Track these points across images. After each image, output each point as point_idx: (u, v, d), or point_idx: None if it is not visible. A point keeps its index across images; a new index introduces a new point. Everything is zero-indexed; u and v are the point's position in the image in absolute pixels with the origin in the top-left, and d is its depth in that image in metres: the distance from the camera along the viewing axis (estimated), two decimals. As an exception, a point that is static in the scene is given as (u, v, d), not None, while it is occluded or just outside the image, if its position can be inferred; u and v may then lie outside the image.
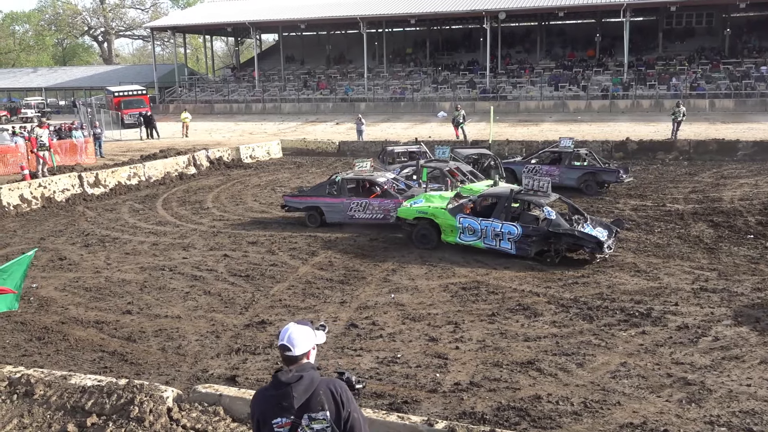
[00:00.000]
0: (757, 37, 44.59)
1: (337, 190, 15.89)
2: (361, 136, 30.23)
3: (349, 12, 47.18)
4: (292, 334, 3.80)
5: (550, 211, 12.49)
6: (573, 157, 19.12)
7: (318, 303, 10.77)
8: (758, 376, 7.79)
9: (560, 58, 48.18)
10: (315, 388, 3.71)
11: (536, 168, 19.23)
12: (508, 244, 12.68)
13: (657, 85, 41.02)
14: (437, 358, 8.52)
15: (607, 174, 18.57)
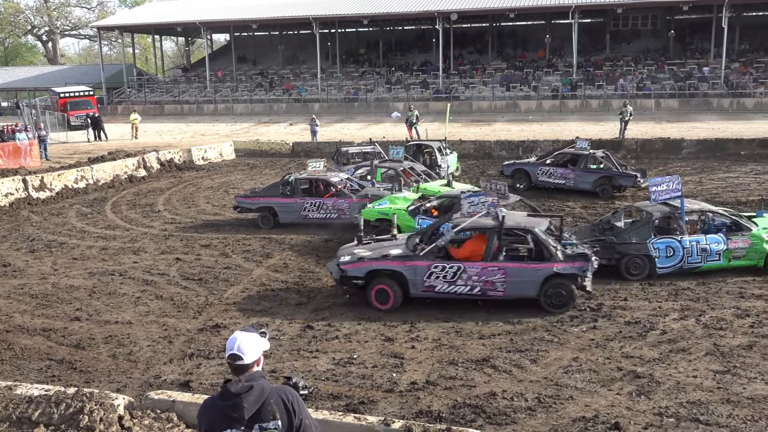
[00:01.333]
0: (700, 38, 46.01)
1: (290, 190, 15.83)
2: (315, 136, 30.09)
3: (301, 12, 46.92)
4: (240, 342, 3.70)
5: (502, 212, 12.42)
6: (589, 160, 18.40)
7: (273, 305, 10.68)
8: (704, 368, 8.04)
9: (511, 59, 48.86)
10: (266, 397, 3.64)
11: (550, 170, 18.77)
12: None
13: (605, 86, 41.96)
14: (393, 358, 8.55)
15: (624, 178, 17.89)
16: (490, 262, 10.02)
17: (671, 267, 11.39)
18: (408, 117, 30.49)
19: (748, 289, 10.76)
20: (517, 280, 9.95)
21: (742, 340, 8.80)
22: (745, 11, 44.91)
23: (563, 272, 9.87)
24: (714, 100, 38.83)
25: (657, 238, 11.39)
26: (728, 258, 11.41)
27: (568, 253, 10.13)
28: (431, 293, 10.26)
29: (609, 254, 11.37)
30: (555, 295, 9.95)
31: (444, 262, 10.21)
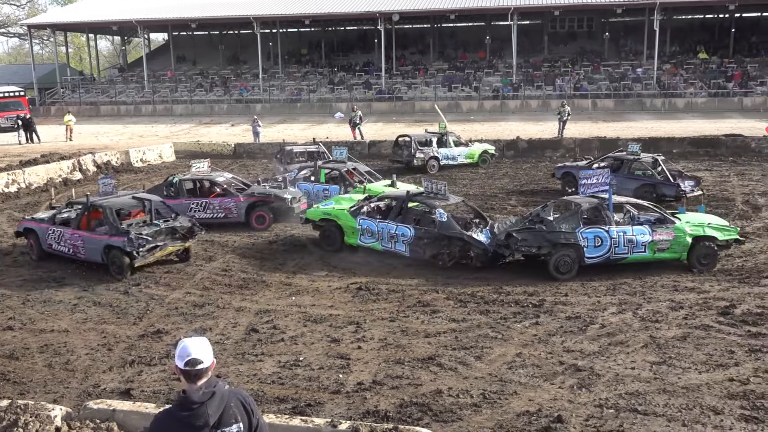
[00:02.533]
0: (633, 40, 47.51)
1: (174, 191, 15.91)
2: (257, 137, 29.75)
3: (241, 12, 46.33)
4: (194, 347, 3.64)
5: (442, 214, 12.48)
6: (633, 166, 17.21)
7: (216, 309, 10.51)
8: (641, 359, 8.30)
9: (453, 60, 49.41)
10: (226, 401, 3.62)
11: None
12: (403, 246, 12.69)
13: (544, 86, 42.89)
14: (340, 359, 8.53)
15: (666, 187, 16.44)
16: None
17: (599, 257, 11.55)
18: (351, 117, 30.48)
19: (682, 282, 11.16)
20: None
21: (677, 331, 9.12)
22: (675, 14, 46.61)
23: None
24: (647, 100, 40.15)
25: (586, 228, 11.60)
26: (653, 250, 11.66)
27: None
28: None
29: (539, 242, 11.52)
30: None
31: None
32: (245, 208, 15.39)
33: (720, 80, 40.88)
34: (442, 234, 12.27)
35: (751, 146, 24.03)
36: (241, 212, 15.39)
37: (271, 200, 15.39)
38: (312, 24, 49.40)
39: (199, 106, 45.95)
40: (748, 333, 8.99)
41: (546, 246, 11.52)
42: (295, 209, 15.34)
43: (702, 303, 10.15)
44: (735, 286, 10.88)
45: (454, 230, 12.25)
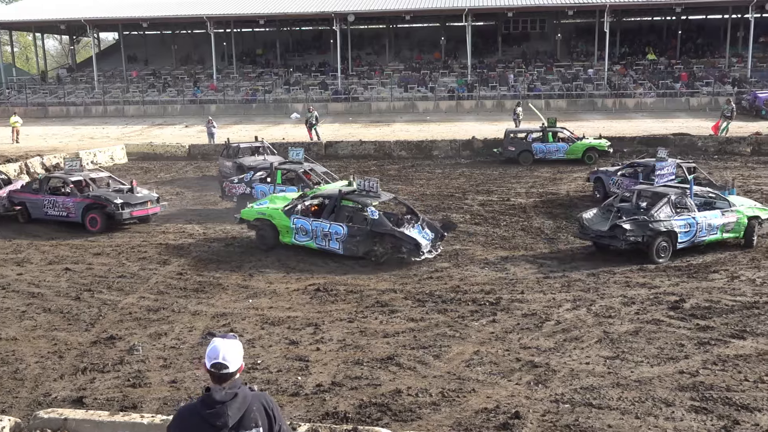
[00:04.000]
0: (584, 42, 48.46)
1: (39, 187, 16.43)
2: (212, 138, 29.35)
3: (194, 11, 45.66)
4: (224, 351, 3.63)
5: (373, 211, 12.71)
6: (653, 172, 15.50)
7: (172, 314, 10.33)
8: (595, 354, 8.47)
9: (408, 60, 49.62)
10: (248, 404, 3.60)
11: (619, 181, 17.11)
12: (336, 244, 12.87)
13: (498, 86, 43.41)
14: (298, 361, 8.48)
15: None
16: None
17: (687, 241, 12.47)
18: (307, 118, 30.33)
19: (634, 278, 11.43)
20: None
21: (629, 326, 9.33)
22: (624, 17, 47.73)
23: None
24: (599, 100, 40.99)
25: (678, 216, 12.43)
26: (723, 231, 12.74)
27: None
28: None
29: (643, 231, 12.15)
30: None
31: None
32: (82, 210, 15.65)
33: (668, 81, 42.00)
34: (373, 231, 12.53)
35: (697, 145, 24.76)
36: (78, 213, 15.70)
37: (103, 203, 15.58)
38: (267, 24, 48.99)
39: (152, 107, 45.12)
40: (696, 326, 9.26)
41: (650, 234, 12.13)
42: (123, 215, 15.47)
43: (653, 298, 10.41)
44: (684, 281, 11.19)
45: (386, 227, 12.52)
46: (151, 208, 16.14)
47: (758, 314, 9.61)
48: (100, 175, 17.14)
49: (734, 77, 41.16)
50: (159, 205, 16.34)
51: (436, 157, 25.18)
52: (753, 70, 41.54)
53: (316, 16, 46.89)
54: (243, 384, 3.69)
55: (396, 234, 12.41)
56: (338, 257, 13.05)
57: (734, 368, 7.97)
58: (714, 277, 11.39)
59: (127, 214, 15.59)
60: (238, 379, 3.70)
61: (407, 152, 25.88)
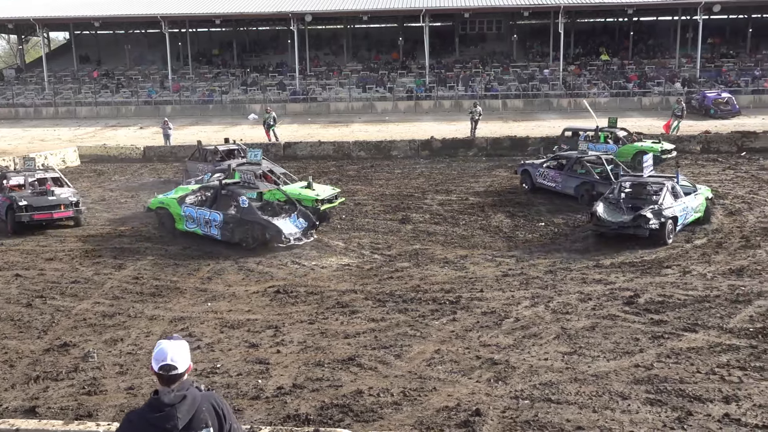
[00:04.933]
0: (540, 43, 49.14)
1: None
2: (168, 140, 28.86)
3: (148, 10, 44.80)
4: (172, 352, 3.61)
5: (244, 200, 13.78)
6: (575, 164, 17.39)
7: (128, 319, 10.14)
8: (553, 350, 8.60)
9: (367, 61, 49.60)
10: (198, 405, 3.57)
11: (545, 172, 17.98)
12: (216, 230, 14.04)
13: (456, 87, 43.72)
14: (258, 364, 8.41)
15: (603, 186, 16.15)
16: None
17: (682, 224, 13.77)
18: (265, 119, 30.08)
19: (590, 274, 11.63)
20: None
21: (586, 322, 9.50)
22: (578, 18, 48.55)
23: None
24: (554, 100, 41.61)
25: (677, 202, 13.70)
26: (695, 212, 14.21)
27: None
28: None
29: (659, 218, 13.17)
30: None
31: None
32: (5, 210, 15.62)
33: (620, 81, 42.86)
34: (244, 218, 13.67)
35: (650, 143, 25.29)
36: (3, 212, 15.72)
37: (9, 202, 15.61)
38: (223, 24, 48.40)
39: (105, 108, 44.15)
40: (651, 320, 9.48)
41: (664, 220, 13.19)
42: (23, 217, 15.39)
43: (609, 294, 10.62)
44: (638, 277, 11.44)
45: (254, 215, 13.68)
46: (59, 212, 15.75)
47: (709, 308, 9.89)
48: (47, 175, 16.84)
49: (684, 77, 42.22)
50: (73, 210, 15.86)
51: (395, 157, 25.24)
52: (702, 70, 42.70)
53: (273, 16, 46.51)
54: (191, 384, 3.66)
55: (261, 221, 13.54)
56: (297, 258, 13.00)
57: (687, 361, 8.18)
58: (667, 272, 11.68)
59: (27, 217, 15.37)
60: (187, 380, 3.67)
61: (366, 152, 25.87)
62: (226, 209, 14.06)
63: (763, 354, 8.29)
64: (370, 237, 14.62)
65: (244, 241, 13.60)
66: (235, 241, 13.70)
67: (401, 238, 14.45)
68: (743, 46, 46.06)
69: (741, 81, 40.92)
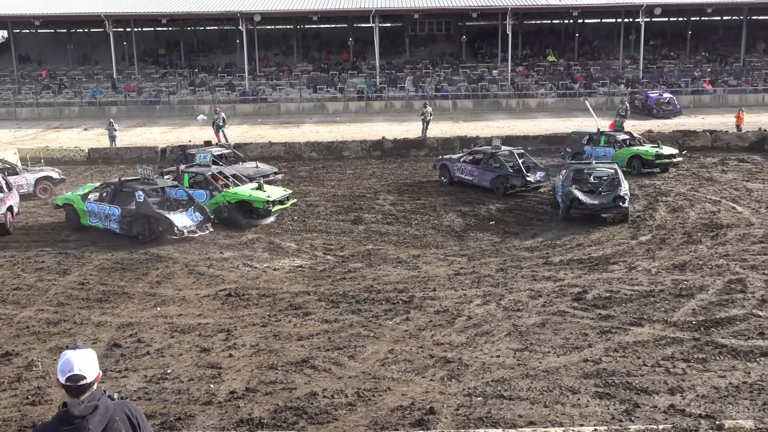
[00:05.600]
0: (488, 44, 49.75)
1: None
2: (113, 142, 28.17)
3: (91, 9, 43.62)
4: (78, 361, 3.48)
5: (140, 195, 14.36)
6: (490, 159, 18.64)
7: (74, 326, 9.86)
8: (505, 347, 8.72)
9: (317, 61, 49.37)
10: (110, 415, 3.46)
11: (463, 167, 19.25)
12: (115, 224, 14.61)
13: (407, 87, 43.90)
14: (210, 369, 8.28)
15: (515, 178, 17.79)
16: None
17: None
18: (215, 120, 29.65)
19: (540, 272, 11.84)
20: None
21: (537, 318, 9.67)
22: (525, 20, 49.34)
23: None
24: (503, 101, 42.19)
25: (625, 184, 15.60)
26: None
27: None
28: None
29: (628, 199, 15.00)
30: None
31: None
32: None
33: (567, 81, 43.74)
34: (139, 212, 14.33)
35: (596, 143, 25.87)
36: None
37: None
38: (169, 23, 47.48)
39: (47, 109, 42.82)
40: (599, 316, 9.70)
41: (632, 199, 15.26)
42: None
43: (558, 290, 10.82)
44: (586, 274, 11.70)
45: (149, 209, 14.29)
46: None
47: (654, 302, 10.18)
48: None
49: (628, 78, 43.35)
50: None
51: (347, 158, 25.19)
52: (644, 71, 43.90)
53: (221, 15, 45.88)
54: (103, 394, 3.55)
55: (155, 215, 14.18)
56: (248, 261, 12.87)
57: (634, 354, 8.40)
58: (613, 268, 11.97)
59: None
60: (98, 390, 3.56)
61: (318, 153, 25.76)
62: (128, 204, 14.66)
63: (705, 346, 8.57)
64: (322, 238, 14.58)
65: (141, 234, 14.24)
66: (133, 235, 14.30)
67: (354, 239, 14.45)
68: (683, 48, 47.56)
69: (681, 82, 42.24)
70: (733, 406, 7.11)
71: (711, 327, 9.16)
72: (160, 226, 14.06)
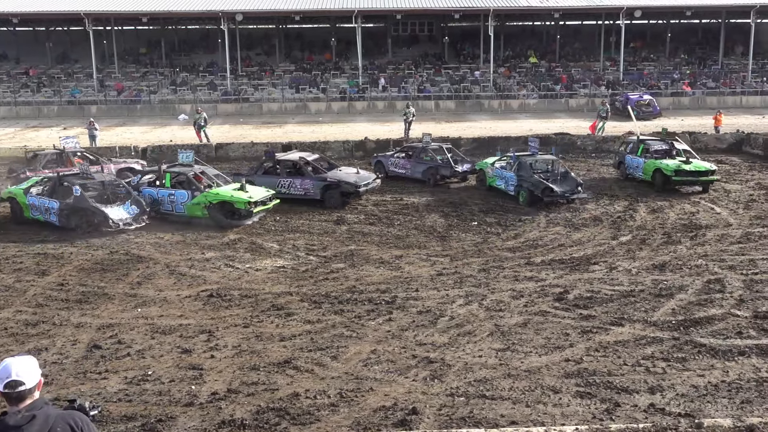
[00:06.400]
0: (471, 45, 49.95)
1: None
2: (94, 141, 27.88)
3: (71, 7, 43.15)
4: (16, 367, 3.41)
5: (77, 189, 15.06)
6: (421, 152, 20.48)
7: (53, 327, 9.75)
8: (487, 347, 8.75)
9: (299, 61, 49.25)
10: (51, 425, 3.35)
11: (396, 161, 20.94)
12: (54, 217, 15.22)
13: (389, 88, 43.95)
14: (192, 370, 8.22)
15: (444, 169, 19.81)
16: None
17: None
18: (196, 120, 29.45)
19: (522, 272, 11.90)
20: None
21: (518, 318, 9.71)
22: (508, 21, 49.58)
23: None
24: (485, 102, 42.37)
25: None
26: None
27: None
28: None
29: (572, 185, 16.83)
30: None
31: None
32: None
33: (548, 83, 44.03)
34: (76, 206, 15.00)
35: (576, 143, 26.11)
36: None
37: None
38: (150, 22, 47.13)
39: (26, 108, 42.30)
40: (580, 316, 9.77)
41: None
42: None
43: (540, 291, 10.89)
44: (567, 274, 11.78)
45: (85, 203, 15.02)
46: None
47: (634, 302, 10.27)
48: None
49: (608, 80, 43.73)
50: None
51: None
52: (624, 73, 44.30)
53: (203, 14, 45.59)
54: (46, 404, 3.48)
55: (90, 208, 14.93)
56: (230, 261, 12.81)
57: (614, 354, 8.47)
58: (594, 268, 12.06)
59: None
60: (40, 399, 3.49)
61: (300, 153, 25.65)
62: (66, 198, 15.19)
63: (684, 345, 8.67)
64: (305, 238, 14.54)
65: (79, 227, 14.90)
66: (71, 227, 14.93)
67: (336, 239, 14.43)
68: (663, 50, 48.08)
69: (661, 83, 42.69)
70: (712, 405, 7.19)
71: (690, 326, 9.26)
72: (95, 218, 14.83)
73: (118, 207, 15.26)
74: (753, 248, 12.97)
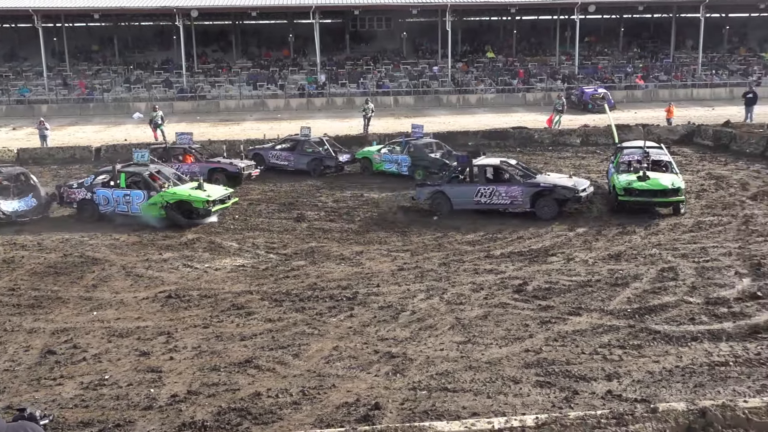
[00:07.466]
0: (428, 40, 50.13)
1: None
2: (45, 141, 27.18)
3: (18, 3, 41.95)
4: None
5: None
6: (305, 145, 21.56)
7: (4, 334, 9.49)
8: (449, 341, 8.81)
9: (257, 58, 48.77)
10: None
11: (277, 154, 21.77)
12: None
13: (348, 84, 43.84)
14: (150, 373, 8.10)
15: (329, 160, 21.06)
16: None
17: None
18: (152, 118, 28.94)
19: (481, 265, 12.01)
20: None
21: (479, 311, 9.80)
22: (465, 16, 49.91)
23: None
24: (444, 97, 42.59)
25: None
26: None
27: None
28: None
29: None
30: None
31: None
32: None
33: (506, 77, 44.48)
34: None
35: (534, 137, 26.43)
36: None
37: None
38: (102, 18, 46.13)
39: (-28, 109, 41.01)
40: (539, 307, 9.90)
41: None
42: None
43: (499, 283, 11.00)
44: (526, 266, 11.93)
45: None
46: None
47: (591, 292, 10.46)
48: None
49: (564, 74, 44.38)
50: None
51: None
52: (580, 67, 45.02)
53: (157, 11, 44.77)
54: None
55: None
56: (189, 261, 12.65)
57: (572, 343, 8.62)
58: (552, 260, 12.24)
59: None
60: None
61: (259, 151, 25.41)
62: None
63: (640, 333, 8.86)
64: (264, 236, 14.43)
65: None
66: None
67: (296, 237, 14.35)
68: (616, 45, 48.97)
69: (615, 77, 43.50)
70: (667, 390, 7.37)
71: (645, 314, 9.47)
72: None
73: (13, 200, 16.00)
74: (704, 236, 13.32)
